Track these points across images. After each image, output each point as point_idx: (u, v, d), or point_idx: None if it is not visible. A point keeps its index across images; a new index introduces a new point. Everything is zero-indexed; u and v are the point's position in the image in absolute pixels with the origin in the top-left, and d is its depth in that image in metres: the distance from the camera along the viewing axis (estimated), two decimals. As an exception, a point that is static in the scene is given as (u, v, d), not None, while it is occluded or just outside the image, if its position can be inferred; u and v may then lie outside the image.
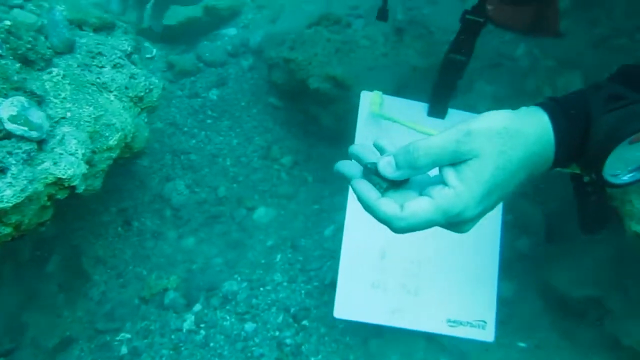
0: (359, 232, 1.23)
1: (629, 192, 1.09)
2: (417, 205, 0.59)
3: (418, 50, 1.71)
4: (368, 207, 0.62)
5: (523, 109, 0.66)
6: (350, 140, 1.73)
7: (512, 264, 1.42)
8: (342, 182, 1.78)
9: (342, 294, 1.21)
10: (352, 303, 1.21)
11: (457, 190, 0.59)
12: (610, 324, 1.16)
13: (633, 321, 1.09)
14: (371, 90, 1.32)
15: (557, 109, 0.65)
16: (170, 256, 1.49)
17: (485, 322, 1.22)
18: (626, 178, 0.69)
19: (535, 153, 0.63)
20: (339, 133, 1.77)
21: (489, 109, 0.74)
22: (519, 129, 0.62)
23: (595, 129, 0.63)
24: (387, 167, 0.62)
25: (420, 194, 0.62)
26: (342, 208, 1.64)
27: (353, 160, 0.68)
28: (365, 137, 1.27)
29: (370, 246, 1.24)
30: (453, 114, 1.30)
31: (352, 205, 1.25)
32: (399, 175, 0.62)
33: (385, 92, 1.64)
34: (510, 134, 0.61)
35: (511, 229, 1.50)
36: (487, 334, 1.22)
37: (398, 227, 0.60)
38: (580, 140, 0.65)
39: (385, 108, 1.27)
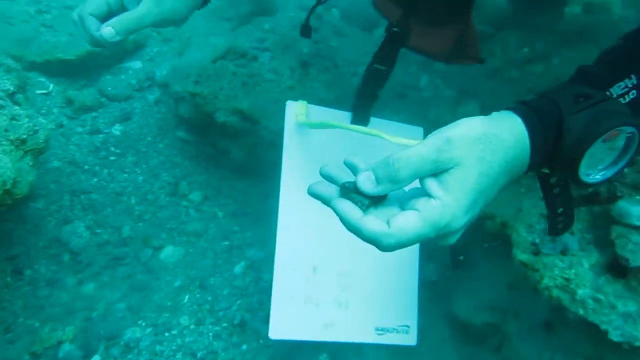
0: (291, 249, 1.21)
1: (517, 221, 1.14)
2: (404, 221, 0.57)
3: (324, 83, 1.73)
4: (353, 227, 0.59)
5: (495, 114, 0.66)
6: (273, 166, 1.70)
7: (419, 291, 1.45)
8: (254, 216, 1.76)
9: (277, 314, 1.17)
10: (287, 322, 1.19)
11: (444, 201, 0.58)
12: (507, 349, 1.20)
13: (526, 346, 1.13)
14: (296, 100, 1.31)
15: (529, 112, 0.65)
16: (67, 305, 1.39)
17: (408, 327, 1.26)
18: (598, 177, 0.69)
19: (513, 157, 0.63)
20: (250, 166, 1.76)
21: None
22: (496, 134, 0.61)
23: (568, 130, 0.64)
24: (366, 182, 0.59)
25: (402, 209, 0.60)
26: (254, 243, 1.62)
27: (326, 181, 0.65)
28: (293, 147, 1.25)
29: (302, 262, 1.22)
30: (374, 122, 1.31)
31: (284, 222, 1.21)
32: (380, 190, 0.59)
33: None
34: (488, 140, 0.60)
35: (419, 256, 1.53)
36: (411, 338, 1.27)
37: (387, 245, 0.58)
38: (554, 141, 0.65)
39: (310, 117, 1.25)
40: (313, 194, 0.64)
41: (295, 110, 1.26)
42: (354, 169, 0.66)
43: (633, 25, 0.76)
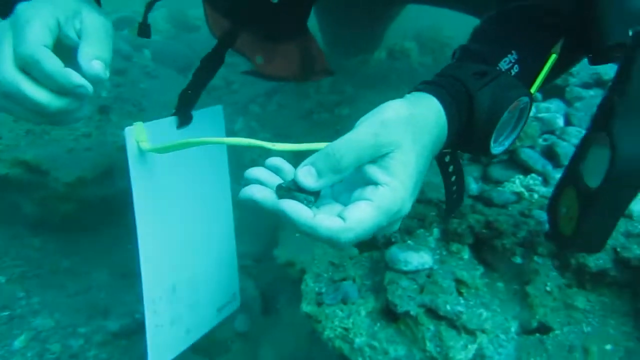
0: (155, 281, 1.13)
1: (308, 270, 1.14)
2: (359, 212, 0.54)
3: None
4: (307, 228, 0.54)
5: (410, 96, 0.66)
6: (71, 218, 1.54)
7: (228, 345, 1.39)
8: (48, 277, 1.56)
9: (153, 348, 1.11)
10: (161, 349, 1.15)
11: (392, 185, 0.56)
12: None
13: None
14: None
15: (442, 92, 0.66)
16: None
17: (235, 293, 1.34)
18: (500, 147, 0.73)
19: (437, 136, 0.63)
20: (47, 220, 1.58)
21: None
22: (422, 114, 0.61)
23: (479, 105, 0.66)
24: (307, 177, 0.56)
25: (343, 203, 0.59)
26: (42, 309, 1.44)
27: (257, 185, 0.59)
28: (143, 179, 1.09)
29: (165, 288, 1.16)
30: (197, 115, 1.20)
31: (146, 262, 1.09)
32: (322, 184, 0.56)
33: (89, 174, 1.53)
34: (416, 120, 0.60)
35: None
36: (237, 302, 1.36)
37: (346, 241, 0.54)
38: (466, 117, 0.67)
39: (150, 140, 1.09)
40: (248, 199, 0.58)
41: (135, 136, 1.09)
42: (278, 171, 0.63)
43: (430, 70, 0.80)
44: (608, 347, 0.91)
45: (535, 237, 0.99)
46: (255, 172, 0.62)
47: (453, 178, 0.84)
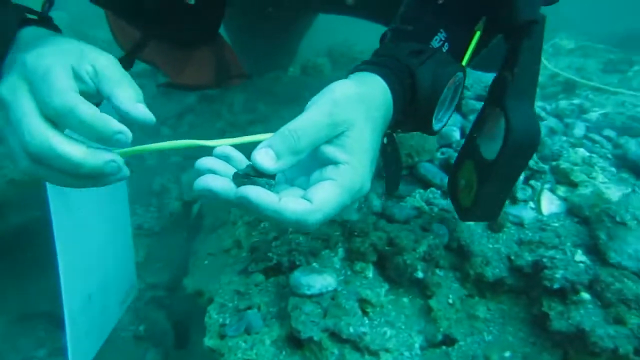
0: (74, 297, 1.11)
1: (212, 301, 1.10)
2: (324, 192, 0.54)
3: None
4: (273, 212, 0.52)
5: (353, 76, 0.66)
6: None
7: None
8: None
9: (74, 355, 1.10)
10: (81, 354, 1.15)
11: (351, 163, 0.57)
12: None
13: None
14: None
15: (385, 71, 0.66)
16: None
17: (133, 283, 1.43)
18: (439, 124, 0.75)
19: (383, 116, 0.64)
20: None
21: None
22: (370, 92, 0.62)
23: (420, 82, 0.67)
24: (265, 159, 0.54)
25: (302, 187, 0.59)
26: None
27: (211, 175, 0.56)
28: (60, 204, 1.05)
29: (81, 297, 1.15)
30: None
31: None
32: (281, 166, 0.55)
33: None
34: (365, 99, 0.60)
35: (139, 342, 1.41)
36: (135, 290, 1.45)
37: (314, 222, 0.54)
38: (411, 96, 0.68)
39: None
40: (204, 190, 0.55)
41: None
42: (228, 159, 0.61)
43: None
44: (507, 354, 0.93)
45: (435, 250, 1.00)
46: (206, 161, 0.59)
47: (391, 157, 0.87)
